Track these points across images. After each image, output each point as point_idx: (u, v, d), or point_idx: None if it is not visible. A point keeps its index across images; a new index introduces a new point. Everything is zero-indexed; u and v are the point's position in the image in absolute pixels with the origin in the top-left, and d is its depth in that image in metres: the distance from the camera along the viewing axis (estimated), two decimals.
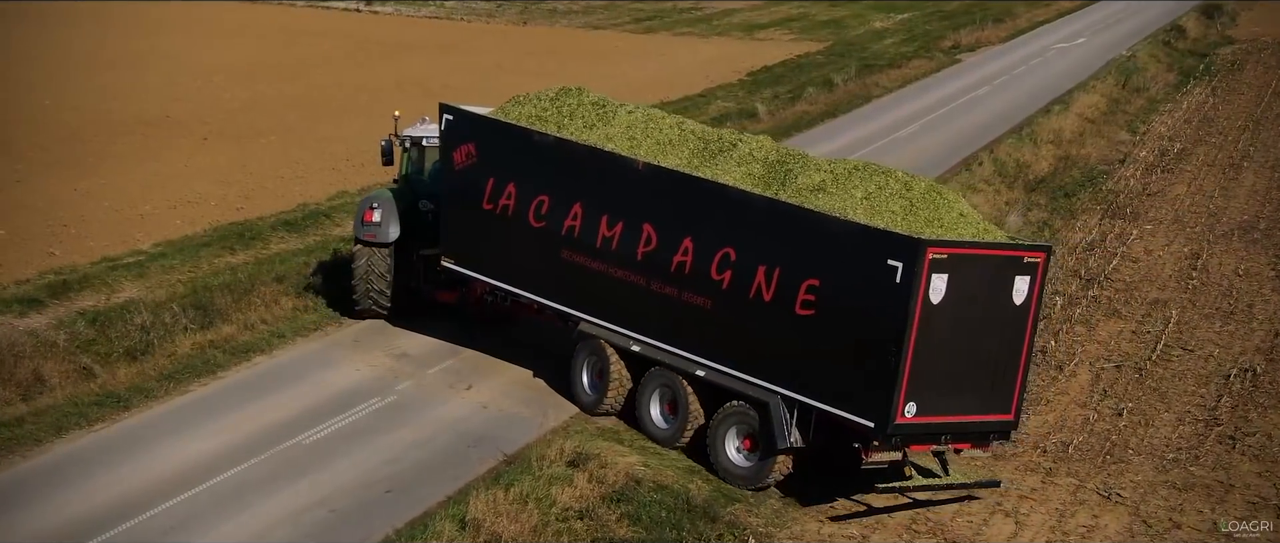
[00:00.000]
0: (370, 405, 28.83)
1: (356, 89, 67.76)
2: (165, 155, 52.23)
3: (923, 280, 22.82)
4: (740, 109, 64.42)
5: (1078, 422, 30.72)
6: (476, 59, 79.11)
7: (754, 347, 25.55)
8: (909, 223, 24.71)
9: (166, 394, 29.05)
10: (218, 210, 44.41)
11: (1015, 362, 25.10)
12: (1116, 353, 34.92)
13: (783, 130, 59.84)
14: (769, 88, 71.50)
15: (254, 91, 67.21)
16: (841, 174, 25.88)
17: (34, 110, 59.06)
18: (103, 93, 63.57)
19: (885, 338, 23.24)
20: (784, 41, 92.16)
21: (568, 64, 78.73)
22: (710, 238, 25.93)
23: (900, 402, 23.41)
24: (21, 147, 52.19)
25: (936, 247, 23.06)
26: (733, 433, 26.20)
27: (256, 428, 27.37)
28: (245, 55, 77.28)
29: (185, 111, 61.06)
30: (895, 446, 24.24)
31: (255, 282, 35.70)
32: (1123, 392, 32.37)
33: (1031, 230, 45.07)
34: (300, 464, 25.93)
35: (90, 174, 48.39)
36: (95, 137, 54.71)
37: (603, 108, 30.02)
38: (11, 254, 38.13)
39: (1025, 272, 24.62)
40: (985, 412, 25.05)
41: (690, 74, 75.84)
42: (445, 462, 26.36)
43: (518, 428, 27.97)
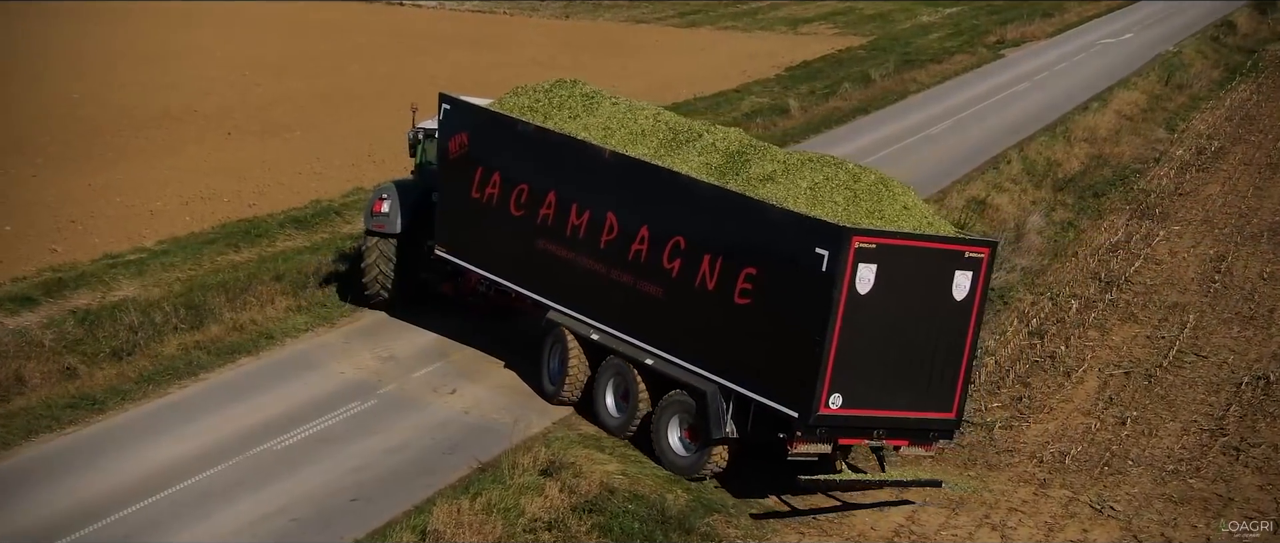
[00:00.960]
0: (349, 410, 28.29)
1: (388, 84, 67.33)
2: (186, 151, 51.98)
3: (847, 269, 22.62)
4: (773, 105, 63.68)
5: (1079, 431, 29.92)
6: (513, 54, 78.62)
7: (697, 335, 25.48)
8: (849, 213, 24.38)
9: (144, 397, 28.55)
10: (230, 207, 44.07)
11: (956, 359, 24.59)
12: (1127, 359, 34.06)
13: (813, 127, 59.23)
14: (805, 83, 70.76)
15: (285, 86, 66.95)
16: (794, 165, 25.72)
17: (61, 104, 58.99)
18: (132, 87, 63.46)
19: (810, 327, 23.04)
20: (827, 36, 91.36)
21: (604, 59, 78.23)
22: (663, 226, 26.00)
23: (824, 392, 23.17)
24: (43, 141, 52.03)
25: (863, 236, 22.82)
26: (675, 422, 26.12)
27: (230, 432, 26.86)
28: (279, 49, 77.11)
29: (212, 106, 60.83)
30: (821, 438, 23.94)
31: (252, 281, 35.28)
32: (1129, 399, 31.54)
33: (1054, 231, 44.27)
34: (268, 471, 25.41)
35: (107, 169, 48.18)
36: (119, 131, 54.54)
37: (590, 99, 30.13)
38: (13, 250, 37.88)
39: (967, 266, 24.15)
40: (922, 408, 24.60)
41: (727, 69, 75.18)
42: (417, 469, 25.78)
43: (498, 434, 27.33)
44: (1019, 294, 38.49)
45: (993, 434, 29.66)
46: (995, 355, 33.90)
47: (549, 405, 29.15)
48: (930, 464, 27.96)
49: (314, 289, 35.13)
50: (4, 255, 37.32)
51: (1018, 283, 39.27)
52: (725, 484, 26.23)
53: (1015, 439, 29.49)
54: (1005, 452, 28.87)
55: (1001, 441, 29.43)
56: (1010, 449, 28.99)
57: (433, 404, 28.87)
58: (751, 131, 54.59)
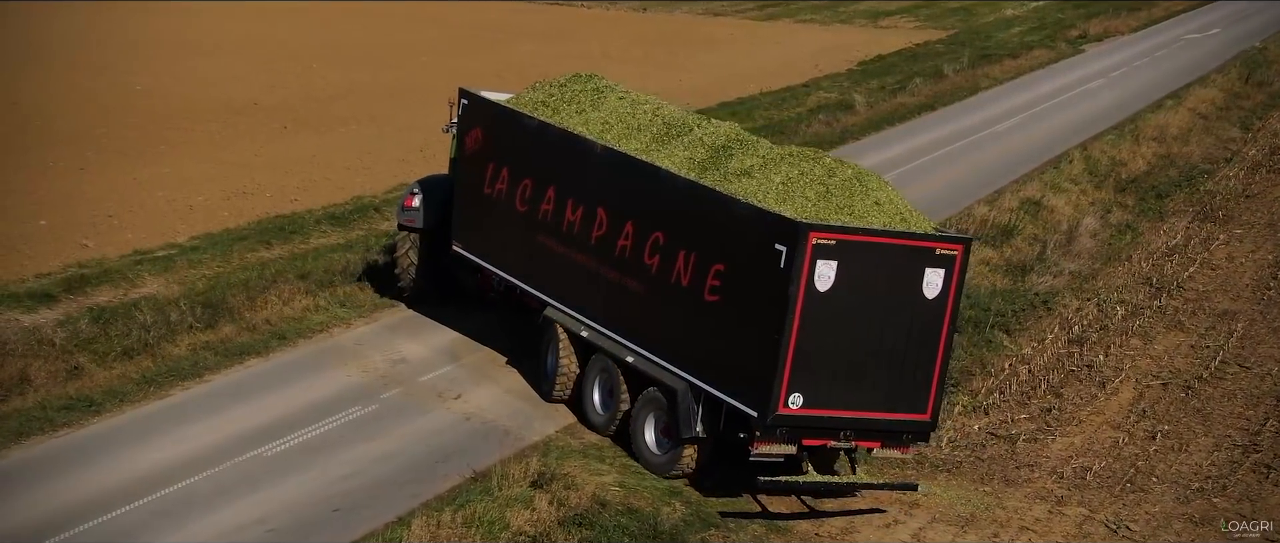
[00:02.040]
0: (348, 415, 27.69)
1: (455, 77, 66.54)
2: (239, 144, 51.77)
3: (805, 266, 22.19)
4: (840, 100, 62.77)
5: (1105, 444, 28.92)
6: (584, 47, 78.05)
7: (672, 333, 25.21)
8: (819, 209, 23.74)
9: (143, 398, 28.06)
10: (272, 202, 43.75)
11: (930, 359, 23.92)
12: (1168, 369, 32.98)
13: (875, 124, 58.34)
14: (876, 78, 69.81)
15: (350, 79, 66.70)
16: (773, 160, 25.14)
17: (124, 96, 58.89)
18: (198, 79, 63.41)
19: (768, 325, 22.64)
20: (907, 30, 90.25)
21: (675, 52, 77.66)
22: (645, 222, 25.73)
23: (782, 392, 22.76)
24: (98, 133, 51.96)
25: (821, 232, 22.39)
26: (650, 421, 25.81)
27: (222, 437, 26.32)
28: (351, 41, 76.94)
29: (274, 99, 60.67)
30: (782, 438, 23.44)
31: (276, 279, 34.80)
32: (1163, 412, 30.49)
33: (1109, 234, 43.08)
34: (255, 478, 24.83)
35: (157, 162, 48.05)
36: (176, 124, 54.39)
37: (599, 94, 29.80)
38: (44, 246, 37.63)
39: (938, 264, 23.46)
40: (892, 410, 23.97)
41: (800, 63, 74.31)
42: (408, 479, 25.13)
43: (497, 442, 26.77)
44: (1064, 300, 37.40)
45: (1016, 447, 28.66)
46: (1030, 364, 32.93)
47: (556, 412, 28.50)
48: (945, 477, 27.26)
49: (336, 288, 34.63)
50: (35, 251, 37.04)
51: (1064, 288, 38.17)
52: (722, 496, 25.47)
53: (1038, 453, 28.52)
54: (1026, 466, 27.91)
55: (1024, 454, 28.47)
56: (1031, 464, 28.03)
57: (435, 410, 28.24)
58: (814, 128, 54.06)
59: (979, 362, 33.02)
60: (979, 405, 30.69)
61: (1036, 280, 38.37)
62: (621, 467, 26.17)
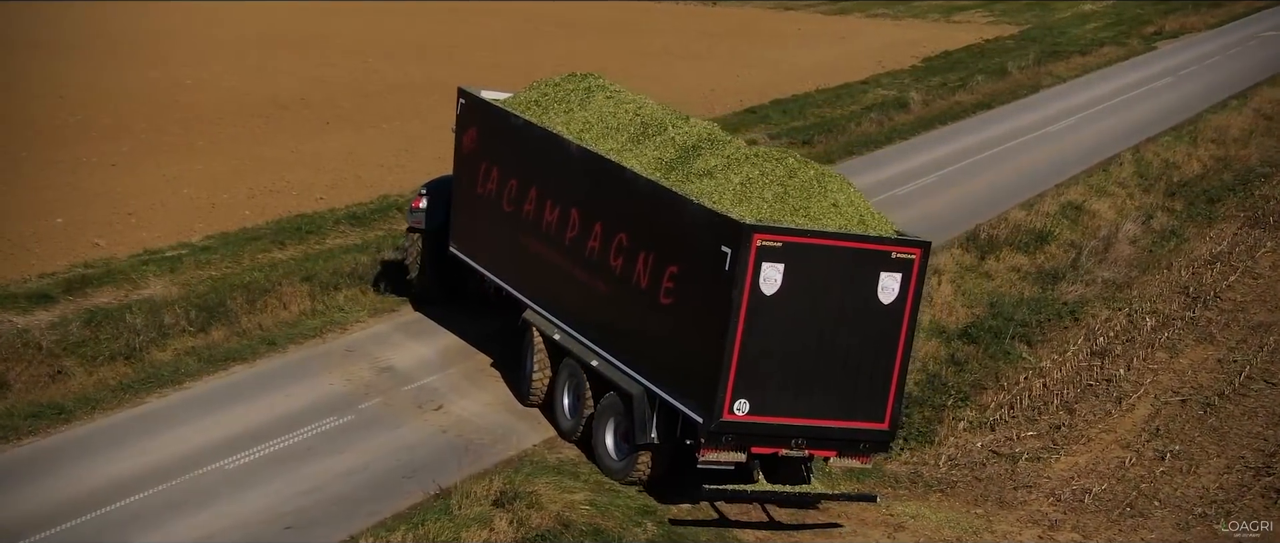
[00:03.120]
0: (321, 426, 26.96)
1: (509, 71, 66.06)
2: (278, 140, 51.32)
3: (749, 268, 21.62)
4: (896, 98, 61.60)
5: (1111, 465, 27.78)
6: (646, 41, 77.34)
7: (631, 336, 24.85)
8: (774, 210, 22.97)
9: (117, 406, 27.47)
10: (296, 201, 43.22)
11: (887, 366, 23.10)
12: (1190, 384, 31.75)
13: (927, 123, 57.26)
14: (938, 75, 68.60)
15: (404, 74, 66.19)
16: (738, 160, 24.38)
17: (171, 91, 58.65)
18: (250, 73, 63.12)
19: (713, 329, 22.08)
20: (980, 24, 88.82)
21: (737, 47, 76.72)
22: (611, 223, 25.37)
23: (727, 397, 22.15)
24: (139, 128, 51.70)
25: (766, 233, 21.77)
26: (610, 426, 25.31)
27: (186, 448, 25.64)
28: (412, 36, 76.28)
29: (322, 94, 60.23)
30: (729, 445, 22.76)
31: (281, 282, 34.15)
32: (1177, 431, 29.30)
33: (1150, 240, 41.82)
34: (210, 492, 24.10)
35: (190, 158, 47.64)
36: (219, 119, 54.06)
37: (588, 93, 29.22)
38: (55, 244, 37.23)
39: (894, 268, 22.69)
40: (847, 418, 23.23)
41: (862, 59, 73.22)
42: (369, 495, 24.36)
43: (471, 456, 25.91)
44: (1094, 309, 36.23)
45: (1017, 467, 27.59)
46: (1046, 378, 31.84)
47: (536, 426, 27.69)
48: (938, 497, 26.26)
49: (340, 292, 33.93)
50: (46, 249, 36.66)
51: (1095, 297, 36.98)
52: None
53: (1039, 473, 27.46)
54: (1024, 487, 26.85)
55: (1024, 474, 27.41)
56: (1030, 485, 26.97)
57: (411, 422, 27.47)
58: (864, 126, 52.96)
59: (993, 375, 31.97)
60: (985, 421, 29.63)
61: (1067, 289, 37.18)
62: (595, 484, 25.32)
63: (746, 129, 54.38)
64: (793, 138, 53.33)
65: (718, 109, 59.65)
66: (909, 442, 28.72)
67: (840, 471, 25.63)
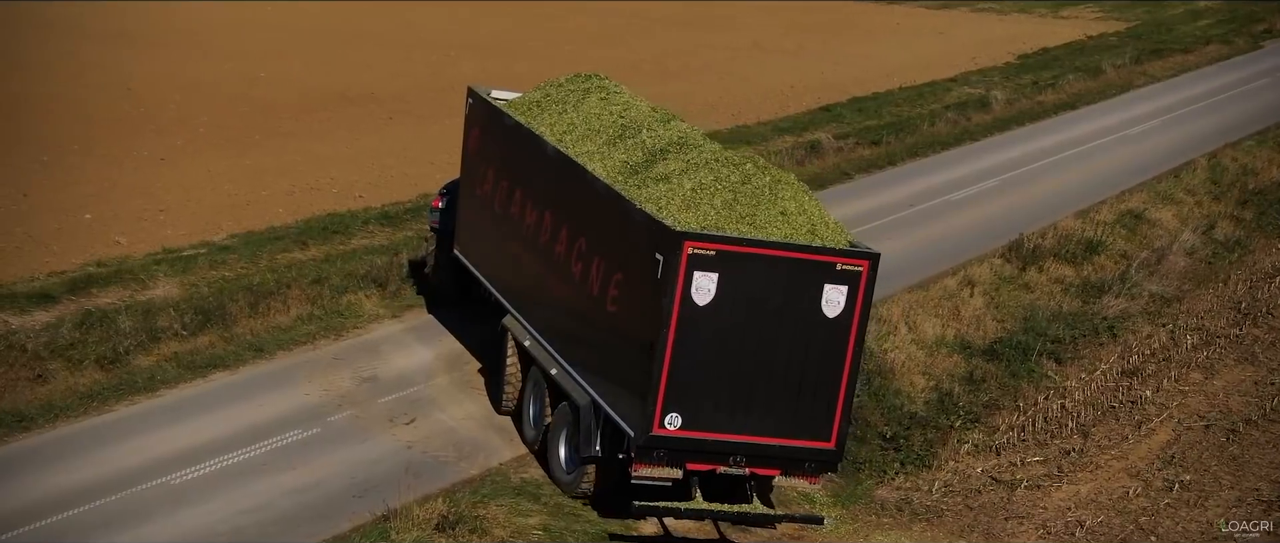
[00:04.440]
0: (284, 439, 26.11)
1: (586, 67, 65.12)
2: (336, 136, 50.75)
3: (680, 277, 20.79)
4: (979, 98, 59.80)
5: (1115, 495, 26.38)
6: (734, 37, 76.09)
7: (584, 345, 24.24)
8: (722, 218, 22.04)
9: (83, 413, 26.78)
10: (336, 198, 42.57)
11: (833, 382, 22.04)
12: (1219, 408, 30.17)
13: (1005, 123, 55.82)
14: (1031, 73, 66.73)
15: (482, 69, 64.93)
16: (698, 164, 23.44)
17: (241, 84, 58.16)
18: (324, 68, 62.41)
19: (645, 339, 21.35)
20: (1087, 20, 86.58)
21: (831, 42, 75.31)
22: (574, 226, 24.73)
23: (657, 411, 21.34)
24: (199, 122, 51.35)
25: (698, 241, 20.93)
26: (563, 437, 24.57)
27: (137, 461, 24.86)
28: (500, 29, 75.37)
29: (393, 89, 59.59)
30: (661, 460, 21.84)
31: (290, 284, 33.39)
32: (1193, 459, 27.81)
33: (1210, 251, 39.99)
34: (147, 510, 23.29)
35: (242, 154, 47.20)
36: (281, 113, 53.56)
37: (585, 94, 28.40)
38: (75, 240, 36.75)
39: (839, 280, 21.62)
40: (789, 436, 22.21)
41: (955, 56, 71.51)
42: (313, 515, 23.45)
43: (432, 476, 24.99)
44: (1135, 325, 34.68)
45: (1014, 495, 26.25)
46: (1067, 398, 30.38)
47: (508, 442, 26.73)
48: (922, 527, 25.03)
49: (345, 297, 33.11)
50: (64, 246, 36.20)
51: (1139, 312, 35.42)
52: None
53: (1036, 502, 26.12)
54: (1016, 517, 25.54)
55: (1021, 503, 26.11)
56: (1024, 515, 25.68)
57: (378, 436, 26.54)
58: (938, 127, 51.41)
59: (1012, 394, 30.62)
60: (991, 445, 28.31)
61: (1110, 303, 35.58)
62: (554, 507, 24.32)
63: (816, 128, 53.21)
64: (860, 138, 52.08)
65: (792, 107, 58.44)
66: (906, 465, 27.50)
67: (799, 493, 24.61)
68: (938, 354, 31.75)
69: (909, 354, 31.29)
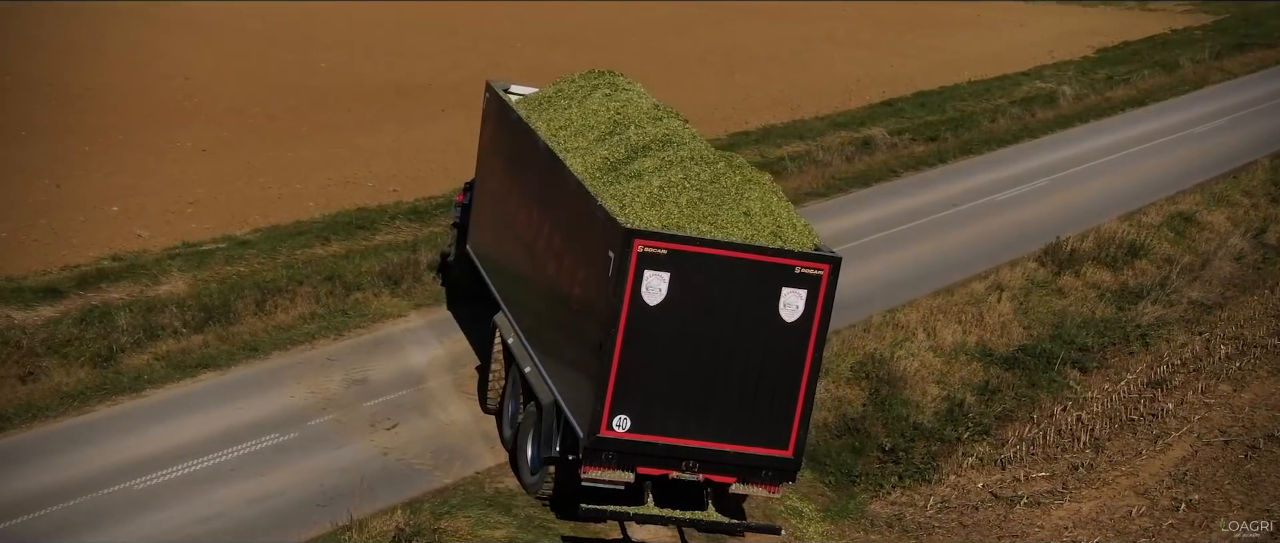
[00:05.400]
0: (258, 443, 25.55)
1: (655, 59, 64.69)
2: (383, 128, 50.34)
3: (630, 276, 20.27)
4: (1047, 93, 58.48)
5: (1118, 514, 25.38)
6: (810, 29, 75.08)
7: (552, 343, 23.67)
8: (684, 217, 21.37)
9: (62, 414, 26.33)
10: (371, 192, 42.16)
11: (791, 388, 21.27)
12: (1242, 422, 29.06)
13: (1067, 120, 54.75)
14: (1107, 68, 65.31)
15: (545, 60, 64.49)
16: (670, 162, 22.80)
17: (300, 74, 57.84)
18: (387, 58, 62.04)
19: (596, 339, 20.80)
20: (1176, 13, 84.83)
21: (904, 34, 74.19)
22: (552, 223, 24.31)
23: (605, 412, 20.78)
24: (251, 112, 51.18)
25: (649, 239, 20.34)
26: (530, 437, 24.06)
27: (105, 464, 24.36)
28: (570, 22, 74.60)
29: (450, 81, 59.09)
30: (610, 463, 21.23)
31: (298, 281, 32.94)
32: (1207, 477, 26.72)
33: (1259, 256, 38.65)
34: (103, 515, 22.77)
35: (285, 145, 46.88)
36: (332, 104, 53.22)
37: (592, 89, 27.71)
38: (96, 234, 36.47)
39: (798, 284, 20.87)
40: (745, 442, 21.46)
41: (1033, 49, 70.27)
42: (271, 525, 22.88)
43: (403, 484, 24.38)
44: (1170, 333, 33.53)
45: (1012, 512, 25.29)
46: (1085, 410, 29.34)
47: (488, 450, 26.06)
48: None
49: (355, 295, 32.59)
50: (85, 239, 35.93)
51: (1176, 320, 34.26)
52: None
53: (1034, 521, 25.16)
54: (1010, 537, 24.64)
55: (1018, 521, 25.16)
56: (1019, 533, 24.79)
57: (356, 442, 25.93)
58: (999, 123, 50.28)
59: (1029, 404, 29.66)
60: (998, 458, 27.33)
61: (1145, 310, 34.40)
62: (524, 520, 23.60)
63: (874, 123, 52.27)
64: (917, 134, 51.11)
65: (854, 101, 57.50)
66: (904, 479, 26.58)
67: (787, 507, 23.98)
68: (955, 362, 30.79)
69: (924, 362, 30.33)
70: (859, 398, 28.88)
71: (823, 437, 27.33)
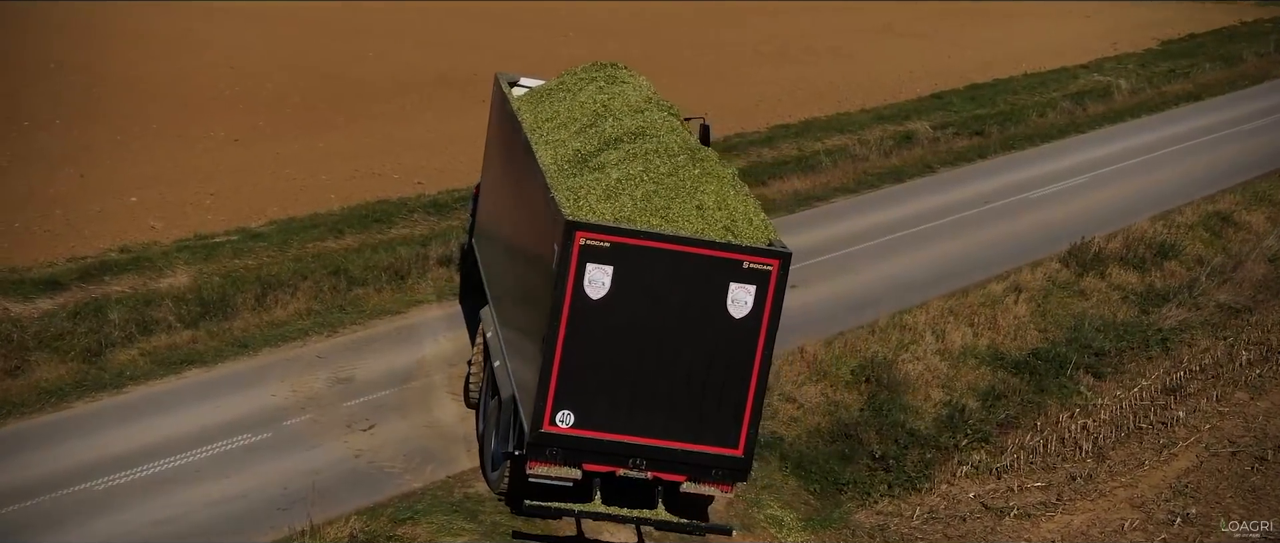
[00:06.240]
0: (230, 443, 25.13)
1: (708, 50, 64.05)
2: (421, 119, 49.96)
3: (572, 269, 19.94)
4: (1103, 86, 57.36)
5: (1108, 528, 24.66)
6: (869, 18, 74.20)
7: (515, 337, 23.30)
8: (638, 210, 20.99)
9: (38, 410, 26.00)
10: (393, 185, 41.75)
11: (741, 386, 20.76)
12: (1254, 432, 28.25)
13: (1120, 114, 53.78)
14: (1169, 61, 64.16)
15: (595, 49, 63.32)
16: (635, 155, 22.44)
17: (348, 63, 57.42)
18: (433, 46, 61.56)
19: (540, 333, 20.46)
20: (1245, 4, 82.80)
21: (965, 25, 73.19)
22: (521, 216, 24.13)
23: (547, 407, 20.50)
24: (292, 102, 50.85)
25: (590, 232, 19.93)
26: (494, 433, 23.70)
27: (70, 463, 24.00)
28: (623, 10, 73.90)
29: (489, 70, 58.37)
30: (555, 459, 20.87)
31: (303, 275, 32.57)
32: (1208, 489, 25.95)
33: None
34: (58, 517, 22.37)
35: (320, 135, 46.55)
36: (374, 95, 52.81)
37: (589, 82, 27.22)
38: (109, 224, 36.20)
39: (746, 279, 20.35)
40: (693, 441, 21.02)
41: (1095, 41, 69.12)
42: (228, 529, 22.44)
43: (370, 488, 23.88)
44: (1193, 338, 32.63)
45: (1001, 524, 24.56)
46: (1092, 417, 28.47)
47: (463, 453, 25.52)
48: None
49: (356, 290, 32.15)
50: (97, 229, 35.69)
51: (1200, 324, 33.33)
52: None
53: (1022, 533, 24.49)
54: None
55: (1006, 534, 24.51)
56: None
57: (329, 443, 25.46)
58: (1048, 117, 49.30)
59: (1033, 410, 28.86)
60: (994, 467, 26.57)
61: (1169, 313, 33.43)
62: (490, 526, 23.08)
63: (919, 116, 51.48)
64: (962, 128, 50.26)
65: (903, 94, 56.63)
66: (893, 488, 25.84)
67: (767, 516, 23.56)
68: (962, 366, 30.03)
69: (929, 365, 29.63)
70: (856, 403, 28.16)
71: (812, 443, 26.71)
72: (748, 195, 22.06)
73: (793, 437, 26.80)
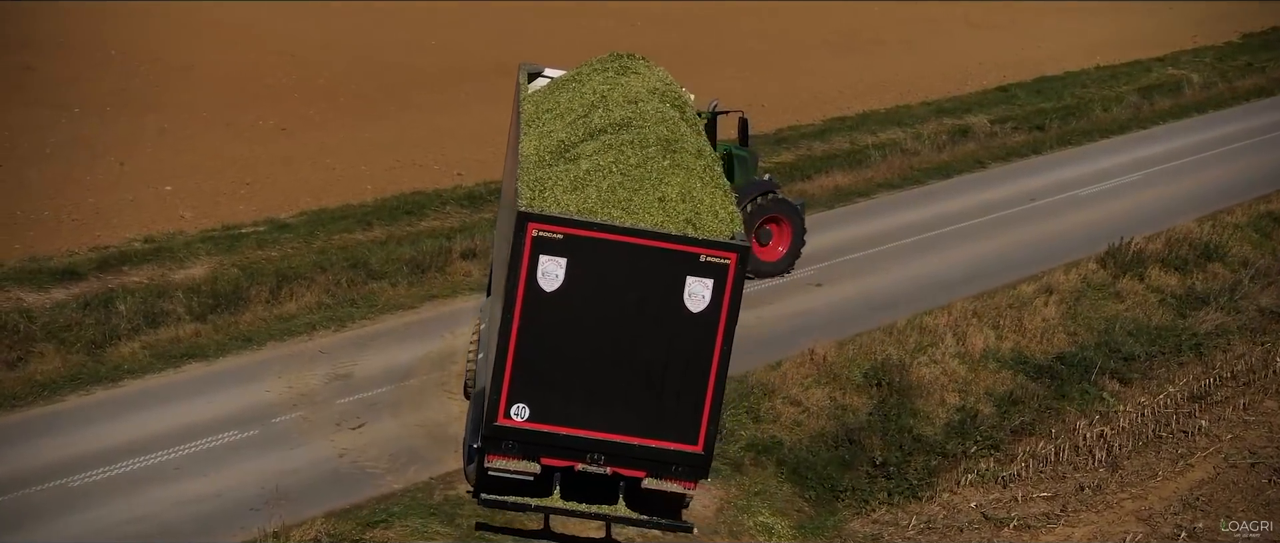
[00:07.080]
0: (215, 440, 24.82)
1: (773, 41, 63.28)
2: (470, 109, 49.52)
3: (525, 261, 19.77)
4: (1176, 79, 56.11)
5: (1113, 541, 23.56)
6: (944, 10, 73.12)
7: (488, 331, 23.18)
8: (601, 202, 20.56)
9: (31, 403, 25.87)
10: (430, 177, 41.48)
11: (699, 381, 20.35)
12: (1275, 444, 27.10)
13: (1186, 109, 52.34)
14: (1248, 55, 62.89)
15: (654, 41, 63.13)
16: (611, 145, 21.93)
17: (407, 53, 57.08)
18: (494, 35, 61.05)
19: (499, 326, 20.18)
20: None
21: (1044, 15, 72.11)
22: (507, 207, 23.21)
23: (502, 400, 20.30)
24: (345, 92, 50.70)
25: (543, 223, 19.69)
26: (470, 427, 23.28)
27: (50, 459, 23.76)
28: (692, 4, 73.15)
29: (554, 60, 57.45)
30: (512, 452, 20.61)
31: (321, 267, 32.26)
32: (1220, 502, 25.17)
33: None
34: (29, 513, 22.15)
35: (366, 125, 46.31)
36: (428, 84, 52.48)
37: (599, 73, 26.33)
38: (138, 214, 36.17)
39: (704, 273, 20.01)
40: (652, 436, 20.68)
41: (1175, 32, 67.74)
42: (196, 529, 22.10)
43: (349, 489, 23.50)
44: (1229, 342, 31.72)
45: (999, 535, 23.75)
46: (1110, 425, 27.61)
47: (449, 455, 25.01)
48: None
49: (372, 284, 31.84)
50: (125, 218, 35.66)
51: (1237, 329, 32.33)
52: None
53: None
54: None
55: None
56: None
57: (314, 442, 25.07)
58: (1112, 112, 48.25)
59: (1050, 417, 27.98)
60: (1001, 475, 25.78)
61: (1206, 317, 32.41)
62: (467, 531, 22.63)
63: (981, 110, 50.62)
64: (1022, 122, 49.29)
65: (969, 86, 55.70)
66: (893, 496, 25.13)
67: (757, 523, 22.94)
68: (982, 370, 29.26)
69: (946, 369, 28.90)
70: (865, 407, 27.43)
71: (813, 448, 26.03)
72: (719, 188, 21.43)
73: (793, 441, 26.14)
